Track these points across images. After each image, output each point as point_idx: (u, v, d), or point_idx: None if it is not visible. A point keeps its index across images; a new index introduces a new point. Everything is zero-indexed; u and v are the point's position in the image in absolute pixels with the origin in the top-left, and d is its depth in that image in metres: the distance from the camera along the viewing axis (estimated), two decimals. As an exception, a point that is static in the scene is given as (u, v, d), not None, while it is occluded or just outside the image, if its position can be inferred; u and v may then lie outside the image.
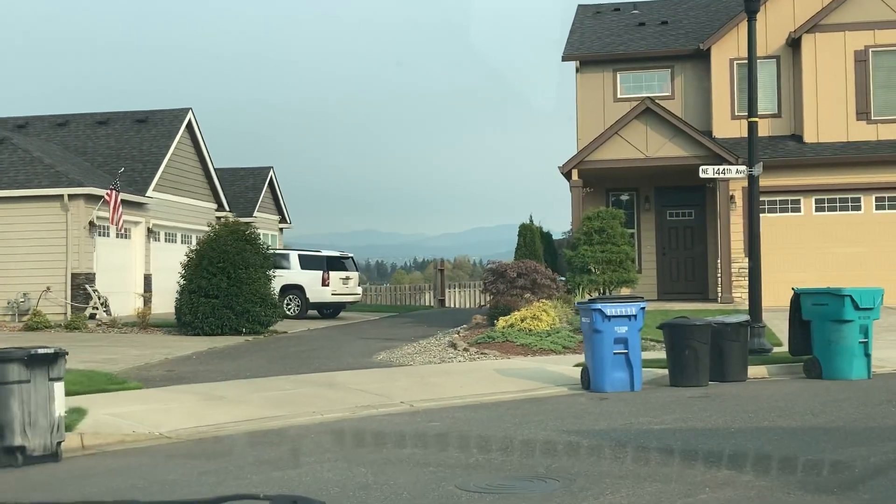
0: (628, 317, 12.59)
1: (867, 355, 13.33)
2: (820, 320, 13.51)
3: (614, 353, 12.51)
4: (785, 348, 14.65)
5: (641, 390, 12.49)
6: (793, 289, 14.23)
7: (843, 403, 10.62)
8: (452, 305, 38.68)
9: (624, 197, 27.28)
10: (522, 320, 18.08)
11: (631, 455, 7.63)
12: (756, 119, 15.37)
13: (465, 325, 21.58)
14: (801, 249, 24.34)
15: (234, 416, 10.74)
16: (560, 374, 13.84)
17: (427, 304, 40.43)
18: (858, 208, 24.40)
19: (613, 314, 12.52)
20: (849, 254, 24.11)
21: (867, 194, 24.34)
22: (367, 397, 11.91)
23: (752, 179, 15.36)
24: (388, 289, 46.18)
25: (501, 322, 18.39)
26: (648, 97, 24.91)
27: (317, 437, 9.59)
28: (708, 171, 15.75)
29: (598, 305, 12.56)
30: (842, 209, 24.48)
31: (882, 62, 24.87)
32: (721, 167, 15.91)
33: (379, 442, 9.20)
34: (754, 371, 13.91)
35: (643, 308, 12.79)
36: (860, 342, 13.26)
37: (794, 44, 25.53)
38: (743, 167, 15.62)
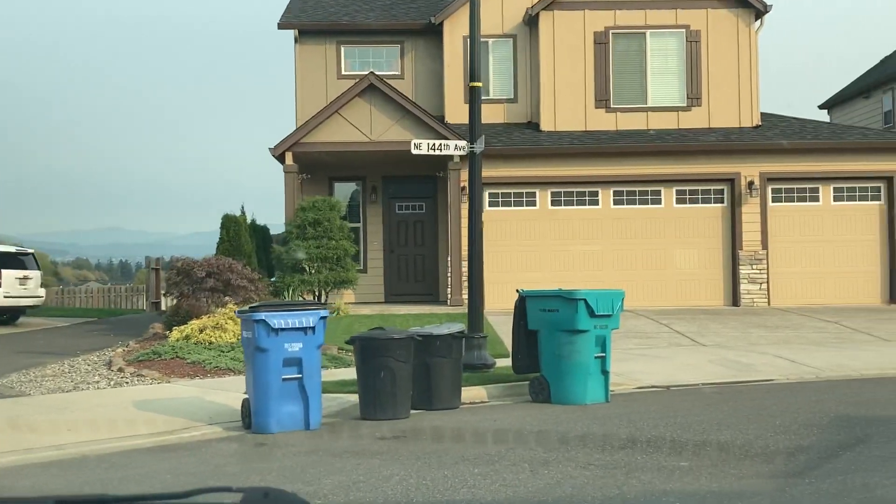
0: (304, 329, 9.41)
1: (605, 373, 10.83)
2: (549, 330, 10.87)
3: (283, 379, 9.29)
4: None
5: (319, 428, 9.34)
6: (517, 290, 11.52)
7: (576, 449, 7.89)
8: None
9: (349, 186, 24.21)
10: (201, 331, 14.54)
11: None
12: (479, 84, 12.59)
13: (141, 336, 17.74)
14: (537, 246, 22.13)
15: None
16: (222, 406, 10.48)
17: (142, 307, 36.70)
18: (596, 203, 22.44)
19: (283, 326, 9.30)
20: (586, 252, 22.13)
21: (605, 188, 22.41)
22: None
23: (474, 158, 12.59)
24: (102, 290, 41.30)
25: (175, 333, 14.78)
26: (373, 73, 21.93)
27: None
28: (421, 146, 12.82)
29: (262, 315, 9.28)
30: (579, 203, 22.44)
31: (622, 45, 23.06)
32: (437, 142, 12.99)
33: None
34: (471, 393, 11.15)
35: (324, 318, 9.65)
36: (596, 357, 10.72)
37: (531, 22, 23.33)
38: (463, 142, 12.82)
